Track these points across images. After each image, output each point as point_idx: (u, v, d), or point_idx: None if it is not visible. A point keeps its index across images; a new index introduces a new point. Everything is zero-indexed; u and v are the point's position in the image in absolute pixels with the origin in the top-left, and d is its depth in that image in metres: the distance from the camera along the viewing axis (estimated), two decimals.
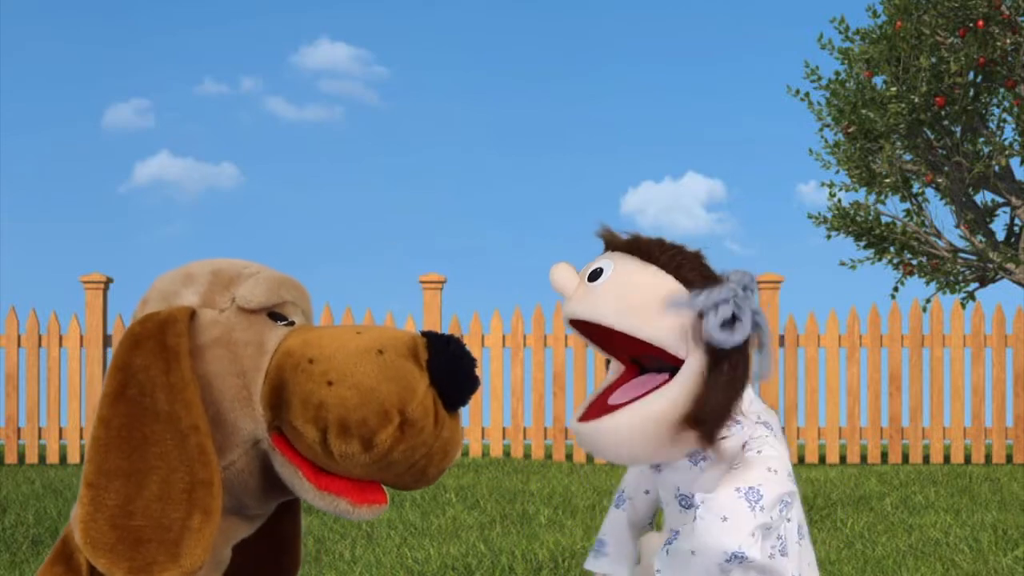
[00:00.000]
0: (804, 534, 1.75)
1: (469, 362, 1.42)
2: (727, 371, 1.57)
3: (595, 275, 1.64)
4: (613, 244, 1.69)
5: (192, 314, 1.45)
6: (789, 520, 1.68)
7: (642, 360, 1.69)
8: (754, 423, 1.68)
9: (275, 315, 1.48)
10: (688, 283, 1.61)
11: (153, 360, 1.40)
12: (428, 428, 1.39)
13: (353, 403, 1.37)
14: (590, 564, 1.91)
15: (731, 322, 1.55)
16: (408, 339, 1.42)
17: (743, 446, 1.64)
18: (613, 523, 1.91)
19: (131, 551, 1.34)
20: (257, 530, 1.56)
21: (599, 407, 1.68)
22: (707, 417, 1.58)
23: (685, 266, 1.63)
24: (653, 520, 1.92)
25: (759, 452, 1.62)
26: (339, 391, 1.37)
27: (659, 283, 1.61)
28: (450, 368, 1.40)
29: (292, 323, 1.50)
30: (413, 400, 1.38)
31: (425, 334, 1.44)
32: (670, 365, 1.62)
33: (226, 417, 1.42)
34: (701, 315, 1.57)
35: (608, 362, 1.77)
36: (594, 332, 1.67)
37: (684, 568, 1.56)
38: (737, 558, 1.52)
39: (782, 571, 1.66)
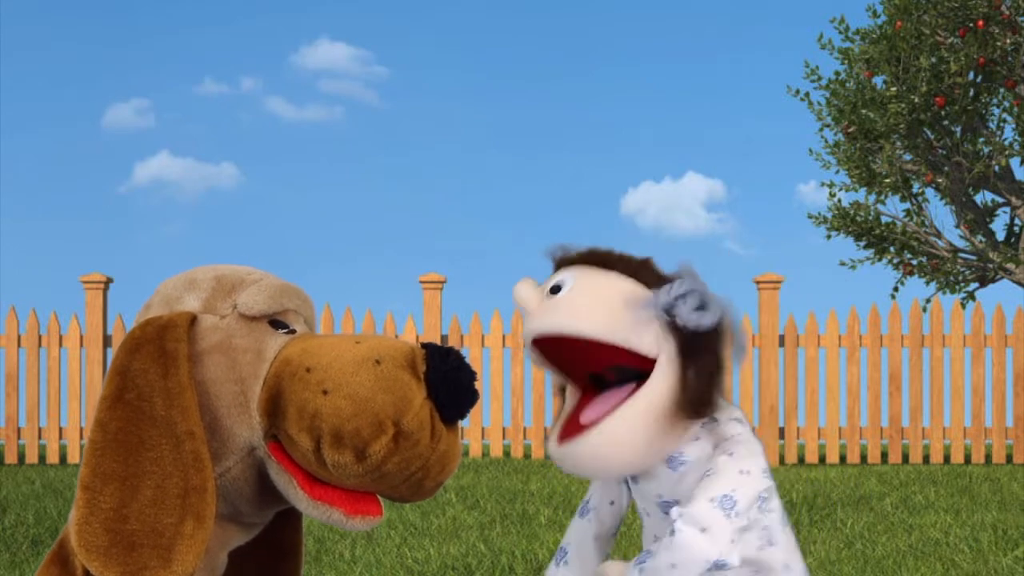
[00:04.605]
0: (785, 521, 1.77)
1: (468, 375, 1.41)
2: (704, 355, 1.63)
3: (556, 289, 1.64)
4: (566, 260, 1.70)
5: (193, 319, 1.45)
6: (772, 511, 1.70)
7: (604, 375, 1.70)
8: (728, 419, 1.68)
9: (276, 323, 1.48)
10: (648, 285, 1.65)
11: (151, 364, 1.40)
12: (424, 440, 1.38)
13: (347, 413, 1.36)
14: (551, 573, 1.86)
15: (701, 307, 1.61)
16: (407, 350, 1.41)
17: (715, 447, 1.65)
18: (576, 532, 1.87)
19: (124, 555, 1.34)
20: (258, 538, 1.56)
21: (573, 428, 1.67)
22: (694, 401, 1.63)
23: (641, 271, 1.66)
24: (616, 532, 1.89)
25: (731, 455, 1.63)
26: (334, 401, 1.37)
27: (622, 287, 1.63)
28: (448, 380, 1.39)
29: (293, 331, 1.49)
30: (409, 412, 1.37)
31: (425, 346, 1.43)
32: (635, 372, 1.64)
33: (223, 423, 1.41)
34: (669, 309, 1.61)
35: (563, 390, 1.77)
36: (553, 351, 1.67)
37: None
38: (719, 566, 1.56)
39: (771, 562, 1.70)
